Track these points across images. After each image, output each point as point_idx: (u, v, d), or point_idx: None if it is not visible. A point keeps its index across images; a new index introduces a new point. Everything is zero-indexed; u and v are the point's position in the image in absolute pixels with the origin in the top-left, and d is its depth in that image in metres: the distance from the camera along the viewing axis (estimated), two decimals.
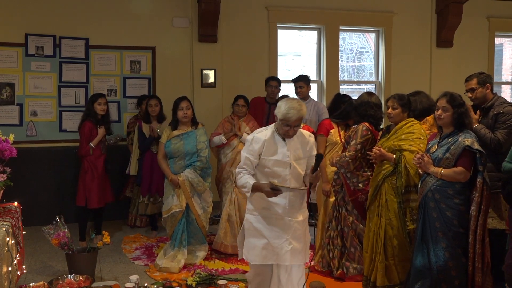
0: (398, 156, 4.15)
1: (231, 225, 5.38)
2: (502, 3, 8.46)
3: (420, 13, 8.12)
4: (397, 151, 4.18)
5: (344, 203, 4.67)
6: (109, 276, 4.79)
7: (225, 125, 5.64)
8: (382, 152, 4.23)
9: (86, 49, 6.82)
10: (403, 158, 4.12)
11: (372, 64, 8.34)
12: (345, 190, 4.64)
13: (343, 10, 7.75)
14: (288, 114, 3.32)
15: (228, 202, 5.42)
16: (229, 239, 5.35)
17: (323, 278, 4.63)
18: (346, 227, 4.65)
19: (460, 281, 3.67)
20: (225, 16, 7.14)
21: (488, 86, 4.39)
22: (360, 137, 4.50)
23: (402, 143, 4.19)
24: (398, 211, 4.17)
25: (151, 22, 7.02)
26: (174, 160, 5.11)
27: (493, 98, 4.36)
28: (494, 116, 4.22)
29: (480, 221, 3.58)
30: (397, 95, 4.34)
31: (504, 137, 4.12)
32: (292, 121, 3.33)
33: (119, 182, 6.74)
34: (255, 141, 3.42)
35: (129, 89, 7.02)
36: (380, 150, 4.24)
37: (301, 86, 6.25)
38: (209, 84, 7.20)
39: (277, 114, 3.40)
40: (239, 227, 5.36)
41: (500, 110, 4.20)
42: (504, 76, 9.70)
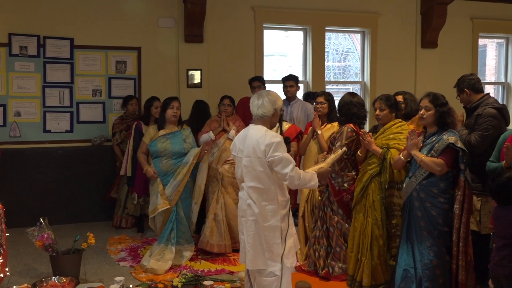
0: (385, 152, 4.21)
1: (217, 224, 5.37)
2: (485, 5, 8.55)
3: (405, 14, 8.18)
4: (385, 148, 4.23)
5: (329, 203, 4.68)
6: (94, 278, 4.75)
7: (212, 124, 5.66)
8: (372, 142, 4.26)
9: (71, 49, 6.76)
10: (389, 154, 4.18)
11: (357, 64, 8.38)
12: (330, 190, 4.66)
13: (329, 11, 7.77)
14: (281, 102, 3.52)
15: (215, 201, 5.41)
16: (215, 238, 5.34)
17: (309, 278, 4.64)
18: (331, 227, 4.67)
19: (444, 279, 3.71)
20: (211, 16, 7.13)
21: (466, 91, 4.44)
22: (345, 139, 4.53)
23: (390, 142, 4.25)
24: (380, 206, 4.21)
25: (136, 22, 6.98)
26: (161, 159, 5.10)
27: (480, 99, 4.40)
28: (475, 117, 4.28)
29: (463, 219, 3.63)
30: (384, 96, 4.38)
31: (477, 139, 4.16)
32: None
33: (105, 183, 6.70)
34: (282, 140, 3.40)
35: (114, 90, 6.98)
36: (371, 138, 4.28)
37: (291, 85, 6.28)
38: (195, 84, 7.18)
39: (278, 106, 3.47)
40: (225, 226, 5.36)
41: (480, 112, 4.26)
42: (487, 76, 9.79)
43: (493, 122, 4.20)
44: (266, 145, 3.29)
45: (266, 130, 3.39)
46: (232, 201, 5.40)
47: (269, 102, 3.43)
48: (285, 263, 3.37)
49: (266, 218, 3.35)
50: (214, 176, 5.49)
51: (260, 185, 3.36)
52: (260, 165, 3.33)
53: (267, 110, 3.43)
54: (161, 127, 5.18)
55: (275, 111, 3.45)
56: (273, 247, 3.36)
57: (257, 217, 3.37)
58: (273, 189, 3.35)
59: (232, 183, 5.44)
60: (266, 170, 3.33)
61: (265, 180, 3.34)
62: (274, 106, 3.44)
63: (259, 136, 3.36)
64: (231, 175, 5.42)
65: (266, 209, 3.35)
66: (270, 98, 3.44)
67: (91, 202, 6.75)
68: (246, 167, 3.41)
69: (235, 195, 5.39)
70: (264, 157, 3.30)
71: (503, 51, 9.10)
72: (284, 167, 3.28)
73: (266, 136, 3.33)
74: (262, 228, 3.36)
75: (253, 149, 3.35)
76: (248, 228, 3.42)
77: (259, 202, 3.36)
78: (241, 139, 3.51)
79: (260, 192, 3.36)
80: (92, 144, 6.81)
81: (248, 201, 3.41)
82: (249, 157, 3.38)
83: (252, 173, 3.37)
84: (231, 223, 5.39)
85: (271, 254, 3.37)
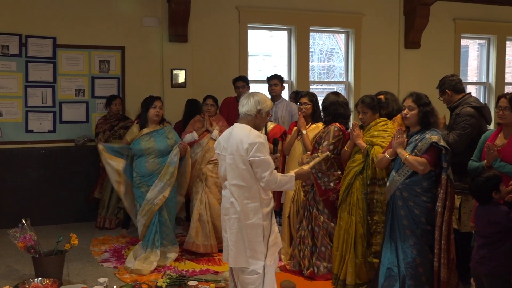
0: (368, 148, 4.25)
1: (202, 224, 5.36)
2: (467, 6, 8.65)
3: (389, 15, 8.24)
4: (369, 145, 4.26)
5: (315, 202, 4.70)
6: (77, 279, 4.71)
7: (196, 124, 5.65)
8: (360, 135, 4.30)
9: (53, 49, 6.69)
10: (373, 150, 4.22)
11: (342, 64, 8.42)
12: (316, 190, 4.67)
13: (313, 11, 7.80)
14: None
15: (199, 202, 5.40)
16: (200, 239, 5.33)
17: (294, 277, 4.65)
18: (316, 226, 4.68)
19: (427, 277, 3.75)
20: (195, 16, 7.11)
21: (447, 92, 4.50)
22: (332, 138, 4.56)
23: (374, 139, 4.29)
24: (362, 202, 4.25)
25: (120, 21, 6.94)
26: (146, 159, 5.09)
27: (460, 99, 4.47)
28: (454, 116, 4.34)
29: (445, 217, 3.66)
30: (366, 99, 4.40)
31: (455, 138, 4.23)
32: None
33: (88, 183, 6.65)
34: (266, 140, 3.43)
35: (97, 89, 6.92)
36: (360, 132, 4.32)
37: (275, 84, 6.31)
38: (180, 84, 7.16)
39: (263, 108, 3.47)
40: (210, 226, 5.35)
41: (458, 111, 4.32)
42: (469, 77, 9.93)
43: (470, 121, 4.27)
44: (249, 144, 3.32)
45: (250, 129, 3.41)
46: (216, 201, 5.39)
47: (253, 102, 3.46)
48: (266, 262, 3.39)
49: (248, 216, 3.37)
50: (197, 176, 5.48)
51: (243, 183, 3.38)
52: (242, 163, 3.36)
53: (249, 109, 3.46)
54: (144, 126, 5.17)
55: (258, 112, 3.46)
56: (255, 245, 3.38)
57: (239, 215, 3.39)
58: (256, 187, 3.38)
59: (216, 183, 5.44)
60: (248, 168, 3.35)
61: (247, 178, 3.37)
62: (257, 106, 3.45)
63: (243, 134, 3.38)
64: (215, 175, 5.42)
65: (248, 207, 3.37)
66: (255, 99, 3.47)
67: (74, 203, 6.70)
68: (230, 165, 3.43)
69: (219, 195, 5.38)
70: (246, 155, 3.32)
71: (485, 52, 9.21)
72: (263, 170, 3.33)
73: (250, 135, 3.35)
74: (244, 226, 3.38)
75: (236, 147, 3.38)
76: (231, 226, 3.44)
77: (241, 200, 3.38)
78: (225, 138, 3.53)
79: (242, 190, 3.38)
80: (75, 144, 6.75)
81: (231, 199, 3.43)
82: (233, 155, 3.40)
83: (235, 171, 3.39)
84: (216, 223, 5.38)
85: (253, 252, 3.38)
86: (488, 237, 3.33)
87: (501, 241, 3.28)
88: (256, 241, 3.38)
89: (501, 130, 3.90)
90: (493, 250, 3.30)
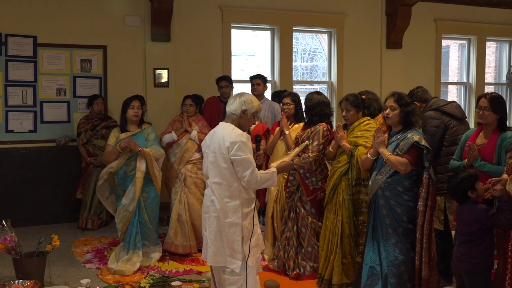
0: (352, 149, 4.28)
1: (181, 224, 5.34)
2: (448, 7, 8.76)
3: (371, 15, 8.30)
4: (353, 146, 4.29)
5: (302, 203, 4.69)
6: (59, 281, 4.66)
7: (175, 124, 5.64)
8: (344, 137, 4.32)
9: (34, 47, 6.61)
10: (357, 151, 4.24)
11: (325, 64, 8.46)
12: (302, 190, 4.68)
13: (296, 11, 7.83)
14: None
15: (178, 202, 5.38)
16: (179, 239, 5.30)
17: (277, 277, 4.65)
18: (303, 227, 4.67)
19: (409, 275, 3.78)
20: (178, 15, 7.08)
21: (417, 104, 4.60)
22: (322, 138, 4.58)
23: (358, 140, 4.31)
24: (348, 202, 4.27)
25: (102, 20, 6.88)
26: (126, 161, 5.05)
27: (425, 106, 4.62)
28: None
29: (427, 216, 3.70)
30: (350, 97, 4.43)
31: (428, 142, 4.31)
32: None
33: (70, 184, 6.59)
34: (248, 140, 3.43)
35: (79, 89, 6.86)
36: (344, 134, 4.34)
37: (258, 84, 6.31)
38: (163, 83, 7.13)
39: (249, 109, 3.46)
40: (189, 226, 5.33)
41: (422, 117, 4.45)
42: (450, 77, 10.05)
43: (432, 122, 4.42)
44: (230, 142, 3.33)
45: (233, 128, 3.42)
46: (196, 200, 5.38)
47: (239, 102, 3.48)
48: (248, 263, 3.40)
49: (227, 215, 3.39)
50: (176, 177, 5.46)
51: (223, 181, 3.39)
52: (224, 161, 3.37)
53: (235, 108, 3.47)
54: (123, 128, 5.11)
55: (243, 113, 3.46)
56: (233, 244, 3.39)
57: (218, 213, 3.41)
58: (236, 186, 3.39)
59: (196, 183, 5.43)
60: (229, 167, 3.37)
61: (228, 176, 3.38)
62: (242, 106, 3.46)
63: (225, 133, 3.40)
64: (194, 175, 5.41)
65: (227, 206, 3.39)
66: (241, 99, 3.49)
67: (56, 204, 6.62)
68: (211, 162, 3.45)
69: (200, 195, 5.38)
70: (228, 153, 3.34)
71: (465, 52, 9.34)
72: (244, 169, 3.35)
73: (232, 134, 3.37)
74: (223, 224, 3.39)
75: (218, 145, 3.40)
76: (211, 224, 3.46)
77: (221, 198, 3.40)
78: (210, 135, 3.56)
79: (223, 189, 3.40)
80: (57, 144, 6.69)
81: (212, 197, 3.45)
82: (214, 153, 3.43)
83: (217, 169, 3.42)
84: (195, 223, 5.37)
85: (231, 251, 3.40)
86: (468, 235, 3.38)
87: (480, 239, 3.33)
88: (234, 240, 3.39)
89: (481, 130, 3.97)
90: (473, 248, 3.35)
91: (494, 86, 9.83)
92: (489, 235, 3.34)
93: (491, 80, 9.87)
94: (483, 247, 3.33)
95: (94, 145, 6.47)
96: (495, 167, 3.71)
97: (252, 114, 3.52)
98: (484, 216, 3.29)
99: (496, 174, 3.57)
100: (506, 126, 3.86)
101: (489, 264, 3.38)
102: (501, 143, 3.74)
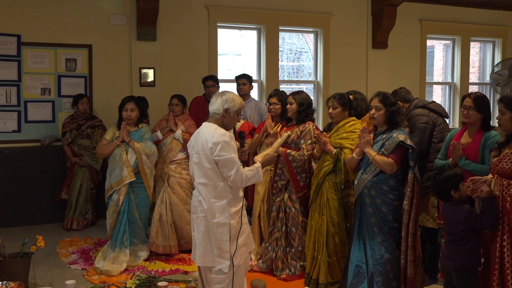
0: (338, 152, 4.27)
1: (162, 224, 5.31)
2: (433, 7, 8.84)
3: (357, 15, 8.34)
4: (338, 148, 4.29)
5: (292, 202, 4.69)
6: (44, 282, 4.62)
7: (162, 123, 5.63)
8: (327, 141, 4.31)
9: (18, 46, 6.54)
10: (343, 154, 4.24)
11: (311, 64, 8.48)
12: (292, 188, 4.68)
13: (282, 11, 7.84)
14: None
15: (160, 201, 5.36)
16: (160, 239, 5.28)
17: (264, 277, 4.66)
18: (294, 226, 4.67)
19: (394, 273, 3.81)
20: (164, 14, 7.05)
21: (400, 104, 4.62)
22: (313, 136, 4.59)
23: (343, 141, 4.31)
24: (338, 207, 4.28)
25: (87, 19, 6.82)
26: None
27: (408, 107, 4.68)
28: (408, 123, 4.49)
29: (412, 215, 3.73)
30: (337, 95, 4.46)
31: (417, 140, 4.37)
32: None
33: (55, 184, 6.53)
34: (232, 138, 3.42)
35: (64, 88, 6.79)
36: (327, 138, 4.33)
37: (244, 83, 6.29)
38: (149, 83, 7.10)
39: (231, 108, 3.45)
40: (170, 226, 5.30)
41: (408, 116, 4.50)
42: (435, 77, 10.12)
43: (422, 119, 4.46)
44: (213, 143, 3.33)
45: (216, 128, 3.42)
46: (180, 201, 5.36)
47: (221, 101, 3.46)
48: (234, 262, 3.40)
49: (214, 215, 3.38)
50: (160, 176, 5.44)
51: (209, 181, 3.39)
52: (208, 162, 3.37)
53: (217, 108, 3.46)
54: (120, 127, 5.13)
55: (225, 111, 3.45)
56: (222, 244, 3.39)
57: (206, 214, 3.40)
58: (222, 185, 3.39)
59: (180, 183, 5.40)
60: (213, 167, 3.37)
61: (213, 177, 3.38)
62: (224, 105, 3.45)
63: (208, 133, 3.39)
64: (178, 175, 5.39)
65: (214, 206, 3.39)
66: (223, 98, 3.47)
67: (41, 204, 6.56)
68: (196, 163, 3.45)
69: (184, 195, 5.36)
70: (211, 154, 3.33)
71: (450, 52, 9.43)
72: (229, 169, 3.35)
73: (215, 134, 3.36)
74: (211, 224, 3.39)
75: (202, 146, 3.39)
76: (199, 225, 3.45)
77: (208, 198, 3.40)
78: (194, 136, 3.55)
79: (209, 189, 3.40)
80: (41, 144, 6.62)
81: (199, 198, 3.45)
82: (198, 154, 3.43)
83: (201, 170, 3.41)
84: (177, 224, 5.35)
85: (219, 251, 3.39)
86: (454, 234, 3.41)
87: (466, 238, 3.36)
88: (222, 240, 3.39)
89: (466, 129, 4.01)
90: (460, 246, 3.38)
91: (478, 86, 9.92)
92: (474, 234, 3.37)
93: (475, 80, 9.96)
94: (469, 246, 3.35)
95: (79, 145, 6.42)
96: (479, 166, 3.75)
97: (235, 112, 3.50)
98: (468, 218, 3.31)
99: (480, 173, 3.60)
100: (490, 126, 3.92)
101: (476, 262, 3.40)
102: (485, 142, 3.79)
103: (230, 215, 3.39)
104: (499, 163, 3.30)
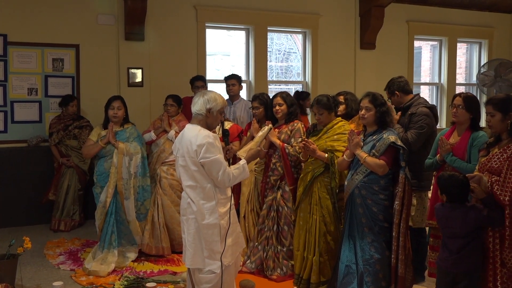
0: (330, 157, 4.26)
1: (154, 226, 5.29)
2: (420, 8, 8.91)
3: (345, 16, 8.38)
4: (329, 152, 4.28)
5: (284, 201, 4.69)
6: (31, 283, 4.58)
7: (156, 123, 5.62)
8: (316, 148, 4.28)
9: (4, 46, 6.47)
10: (336, 159, 4.22)
11: (299, 64, 8.50)
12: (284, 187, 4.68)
13: (271, 11, 7.84)
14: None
15: (152, 203, 5.34)
16: (153, 240, 5.26)
17: (252, 277, 4.65)
18: (286, 225, 4.66)
19: (384, 273, 3.82)
20: (152, 14, 7.02)
21: (396, 93, 4.62)
22: (303, 134, 4.64)
23: (335, 144, 4.30)
24: (332, 211, 4.28)
25: (74, 18, 6.77)
26: (106, 159, 5.06)
27: (412, 99, 4.59)
28: (409, 116, 4.46)
29: (403, 215, 3.74)
30: (319, 100, 4.41)
31: (414, 136, 4.35)
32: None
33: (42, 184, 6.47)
34: (216, 139, 3.41)
35: (51, 88, 6.73)
36: (315, 145, 4.30)
37: (233, 84, 6.28)
38: (137, 83, 7.06)
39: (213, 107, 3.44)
40: (162, 228, 5.28)
41: (414, 111, 4.45)
42: (422, 77, 10.21)
43: (426, 120, 4.41)
44: (197, 145, 3.32)
45: (200, 129, 3.41)
46: (171, 203, 5.34)
47: (203, 101, 3.45)
48: (223, 262, 3.39)
49: (204, 216, 3.38)
50: (152, 177, 5.42)
51: (196, 183, 3.39)
52: (193, 164, 3.37)
53: (199, 108, 3.46)
54: (106, 127, 5.12)
55: (208, 111, 3.45)
56: (212, 245, 3.39)
57: (196, 215, 3.40)
58: (210, 187, 3.39)
59: (171, 185, 5.38)
60: (200, 169, 3.37)
61: (200, 179, 3.38)
62: (206, 105, 3.44)
63: (192, 135, 3.39)
64: (170, 176, 5.38)
65: (204, 207, 3.39)
66: (205, 98, 3.46)
67: (28, 205, 6.49)
68: (183, 166, 3.44)
69: (175, 197, 5.34)
70: (196, 157, 3.33)
71: (437, 53, 9.50)
72: (216, 170, 3.35)
73: (199, 136, 3.36)
74: (201, 226, 3.38)
75: (187, 149, 3.39)
76: (189, 227, 3.45)
77: (197, 200, 3.40)
78: (179, 139, 3.54)
79: (197, 191, 3.40)
80: (28, 144, 6.56)
81: (188, 199, 3.45)
82: (184, 156, 3.42)
83: (188, 172, 3.41)
84: (169, 225, 5.33)
85: (210, 252, 3.39)
86: (464, 237, 3.29)
87: (476, 239, 3.28)
88: (213, 241, 3.39)
89: (455, 129, 4.05)
90: (471, 249, 3.29)
91: (465, 87, 10.02)
92: (479, 235, 3.30)
93: (462, 81, 10.06)
94: (478, 247, 3.29)
95: (67, 145, 6.37)
96: (465, 164, 3.79)
97: (218, 111, 3.49)
98: (482, 217, 3.22)
99: (465, 171, 3.64)
100: (478, 126, 3.96)
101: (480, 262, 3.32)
102: (473, 142, 3.83)
103: (219, 216, 3.39)
104: (488, 163, 3.33)
